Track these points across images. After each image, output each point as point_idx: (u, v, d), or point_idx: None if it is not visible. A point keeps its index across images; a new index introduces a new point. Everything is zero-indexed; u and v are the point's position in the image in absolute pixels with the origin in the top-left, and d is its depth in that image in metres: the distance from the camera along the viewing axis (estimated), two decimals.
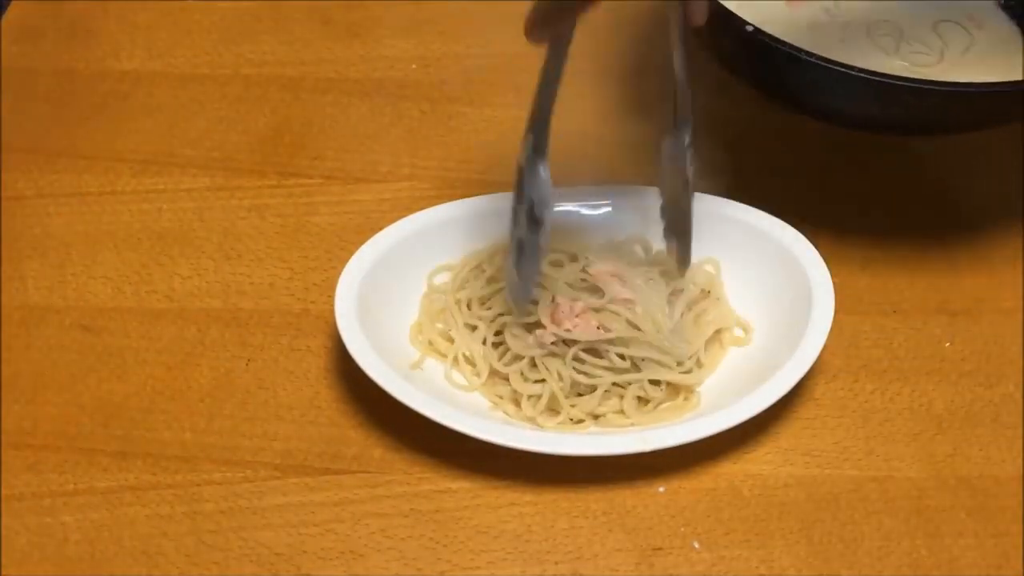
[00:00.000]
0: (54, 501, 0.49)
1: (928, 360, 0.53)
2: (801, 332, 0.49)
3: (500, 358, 0.51)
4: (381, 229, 0.53)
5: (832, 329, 0.50)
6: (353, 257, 0.51)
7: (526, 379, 0.50)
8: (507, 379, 0.50)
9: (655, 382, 0.50)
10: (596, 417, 0.50)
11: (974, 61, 0.59)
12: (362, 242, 0.52)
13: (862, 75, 0.49)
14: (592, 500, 0.49)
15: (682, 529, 0.48)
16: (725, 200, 0.54)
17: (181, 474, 0.49)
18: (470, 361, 0.51)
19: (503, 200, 0.54)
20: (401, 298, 0.53)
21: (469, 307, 0.52)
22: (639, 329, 0.50)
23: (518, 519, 0.48)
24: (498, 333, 0.51)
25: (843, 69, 0.49)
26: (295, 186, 0.60)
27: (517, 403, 0.50)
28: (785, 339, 0.50)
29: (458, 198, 0.55)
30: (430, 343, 0.52)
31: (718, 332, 0.52)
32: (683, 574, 0.47)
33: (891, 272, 0.57)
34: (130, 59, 0.66)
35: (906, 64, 0.58)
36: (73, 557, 0.47)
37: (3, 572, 0.47)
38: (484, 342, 0.51)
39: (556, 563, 0.47)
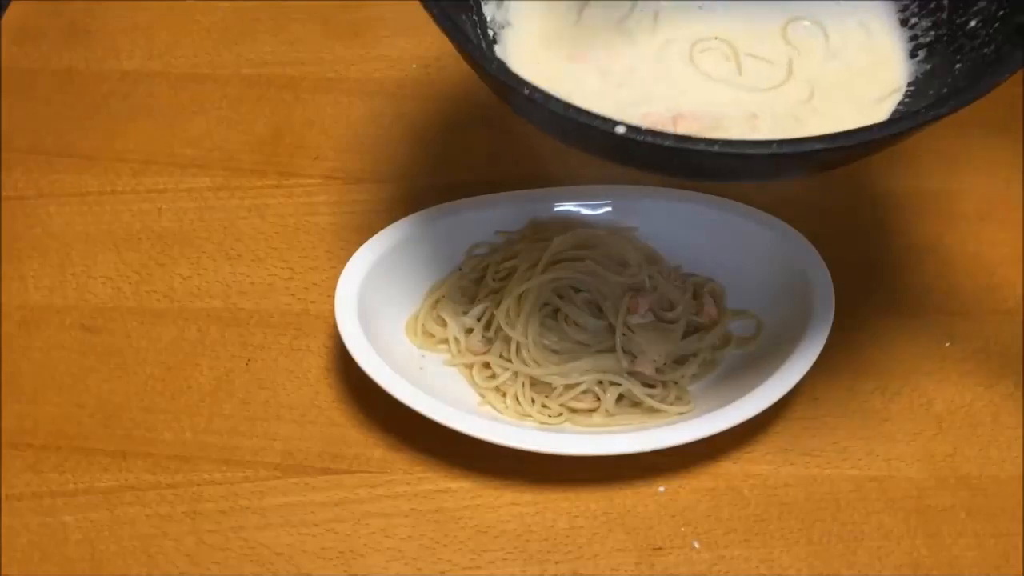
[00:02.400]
0: (54, 501, 0.49)
1: (928, 360, 0.53)
2: (801, 332, 0.49)
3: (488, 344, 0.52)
4: (381, 229, 0.53)
5: (832, 329, 0.50)
6: (353, 257, 0.51)
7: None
8: (488, 365, 0.51)
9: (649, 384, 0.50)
10: (572, 410, 0.50)
11: (839, 72, 0.44)
12: (362, 242, 0.52)
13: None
14: (592, 500, 0.49)
15: (682, 529, 0.48)
16: (725, 200, 0.54)
17: (181, 474, 0.49)
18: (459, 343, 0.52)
19: (503, 200, 0.55)
20: (401, 298, 0.53)
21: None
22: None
23: (518, 519, 0.48)
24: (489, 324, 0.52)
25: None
26: (295, 186, 0.60)
27: (503, 393, 0.50)
28: (785, 339, 0.50)
29: (458, 198, 0.55)
30: (424, 329, 0.52)
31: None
32: (683, 574, 0.47)
33: (892, 272, 0.57)
34: (130, 59, 0.66)
35: (741, 93, 0.43)
36: (73, 557, 0.47)
37: (3, 572, 0.47)
38: (477, 320, 0.52)
39: (556, 563, 0.47)
